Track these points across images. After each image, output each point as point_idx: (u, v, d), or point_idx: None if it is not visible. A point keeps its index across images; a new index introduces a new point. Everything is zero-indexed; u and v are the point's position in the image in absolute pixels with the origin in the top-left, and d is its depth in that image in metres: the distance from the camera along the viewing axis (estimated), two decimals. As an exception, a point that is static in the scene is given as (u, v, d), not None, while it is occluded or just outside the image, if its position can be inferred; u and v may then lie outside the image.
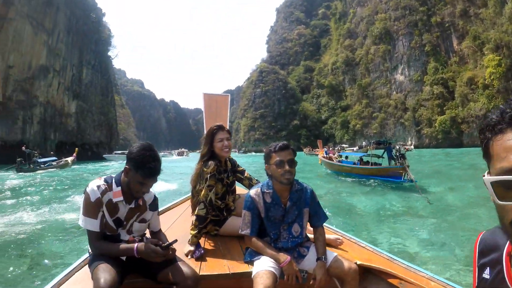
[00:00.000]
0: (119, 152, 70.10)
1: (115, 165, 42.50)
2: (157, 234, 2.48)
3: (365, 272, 2.63)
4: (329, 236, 2.97)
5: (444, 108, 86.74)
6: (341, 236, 3.20)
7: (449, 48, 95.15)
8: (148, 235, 2.52)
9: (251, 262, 2.41)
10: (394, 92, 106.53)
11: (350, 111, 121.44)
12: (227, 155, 3.04)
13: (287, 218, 2.47)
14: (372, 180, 17.81)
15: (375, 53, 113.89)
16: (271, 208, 2.44)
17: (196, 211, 2.83)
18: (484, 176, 0.76)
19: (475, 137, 72.26)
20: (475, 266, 0.94)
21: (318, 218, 2.55)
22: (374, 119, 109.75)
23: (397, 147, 18.54)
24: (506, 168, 0.72)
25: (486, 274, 0.88)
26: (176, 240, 2.13)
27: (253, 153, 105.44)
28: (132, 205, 2.23)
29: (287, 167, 2.35)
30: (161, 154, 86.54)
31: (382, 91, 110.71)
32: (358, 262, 2.53)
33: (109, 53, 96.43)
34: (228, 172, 3.14)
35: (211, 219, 3.01)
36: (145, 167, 2.05)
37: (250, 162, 38.75)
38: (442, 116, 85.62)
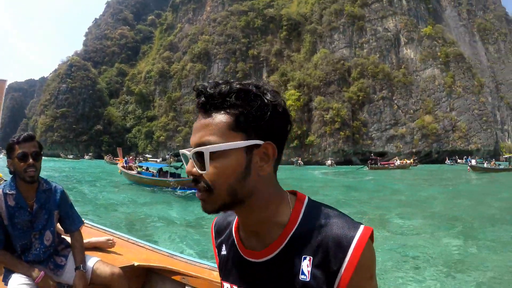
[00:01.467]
0: None
1: None
2: None
3: (148, 272, 2.55)
4: (98, 238, 2.75)
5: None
6: (117, 237, 2.97)
7: (258, 79, 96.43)
8: None
9: (6, 283, 2.08)
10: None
11: (156, 122, 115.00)
12: None
13: (37, 224, 2.14)
14: (174, 191, 18.27)
15: (191, 70, 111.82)
16: (16, 212, 2.09)
17: None
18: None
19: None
20: (214, 247, 0.99)
21: (71, 221, 2.30)
22: (178, 132, 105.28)
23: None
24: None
25: (224, 251, 0.93)
26: None
27: (45, 158, 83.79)
28: None
29: (31, 161, 2.05)
30: None
31: (190, 107, 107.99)
32: (136, 264, 2.46)
33: None
34: None
35: None
36: None
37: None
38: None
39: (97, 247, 2.66)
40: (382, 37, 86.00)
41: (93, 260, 2.21)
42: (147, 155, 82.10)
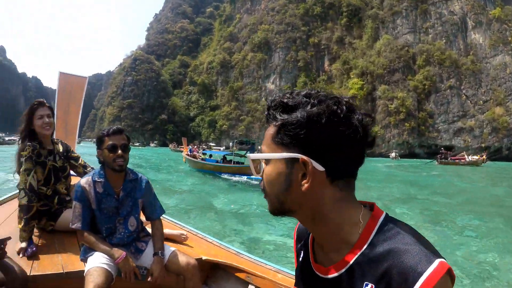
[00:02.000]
0: None
1: None
2: None
3: (214, 267, 2.67)
4: (172, 231, 2.91)
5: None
6: (187, 231, 3.14)
7: (320, 67, 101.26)
8: None
9: (85, 260, 2.19)
10: (263, 99, 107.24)
11: (219, 111, 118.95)
12: (48, 133, 2.78)
13: (122, 211, 2.31)
14: (233, 178, 18.74)
15: (252, 60, 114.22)
16: (103, 199, 2.26)
17: (18, 200, 2.54)
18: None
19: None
20: (295, 250, 0.98)
21: (153, 210, 2.44)
22: (241, 121, 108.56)
23: (260, 148, 18.13)
24: None
25: (301, 257, 0.92)
26: (9, 237, 1.98)
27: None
28: None
29: (120, 152, 2.22)
30: (7, 139, 72.82)
31: (252, 96, 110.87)
32: (204, 258, 2.58)
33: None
34: (54, 155, 2.86)
35: (42, 211, 2.76)
36: None
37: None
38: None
39: (169, 239, 2.77)
40: (447, 21, 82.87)
41: (170, 249, 2.35)
42: (210, 144, 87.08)
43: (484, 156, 49.39)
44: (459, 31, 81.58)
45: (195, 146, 42.22)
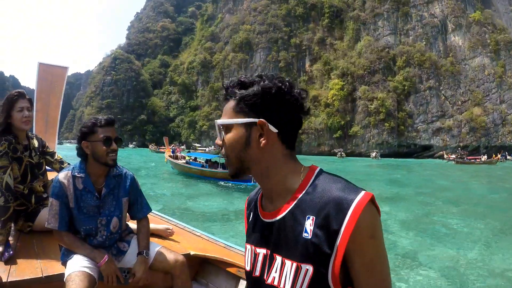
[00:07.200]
0: None
1: None
2: None
3: (203, 262, 2.58)
4: (157, 226, 2.77)
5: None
6: (174, 225, 3.04)
7: (301, 68, 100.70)
8: None
9: (65, 263, 2.02)
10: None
11: (199, 112, 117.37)
12: (27, 127, 2.62)
13: (104, 210, 2.09)
14: (221, 182, 18.33)
15: (233, 60, 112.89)
16: (83, 196, 2.05)
17: None
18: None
19: (313, 146, 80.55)
20: (245, 217, 1.13)
21: (139, 208, 2.26)
22: None
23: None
24: None
25: (250, 218, 1.08)
26: None
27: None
28: None
29: (115, 146, 2.04)
30: None
31: None
32: (192, 253, 2.47)
33: None
34: (31, 150, 2.67)
35: (18, 211, 2.59)
36: None
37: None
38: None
39: (154, 234, 2.66)
40: (428, 23, 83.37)
41: (156, 247, 2.20)
42: (196, 145, 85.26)
43: (498, 156, 50.69)
44: (439, 34, 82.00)
45: (181, 147, 42.42)
